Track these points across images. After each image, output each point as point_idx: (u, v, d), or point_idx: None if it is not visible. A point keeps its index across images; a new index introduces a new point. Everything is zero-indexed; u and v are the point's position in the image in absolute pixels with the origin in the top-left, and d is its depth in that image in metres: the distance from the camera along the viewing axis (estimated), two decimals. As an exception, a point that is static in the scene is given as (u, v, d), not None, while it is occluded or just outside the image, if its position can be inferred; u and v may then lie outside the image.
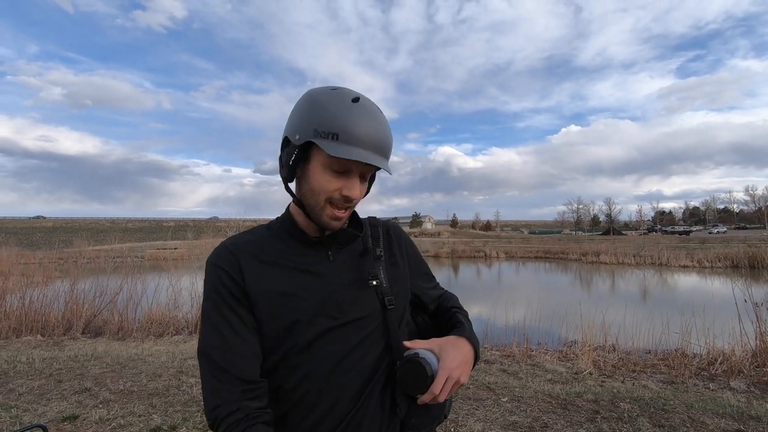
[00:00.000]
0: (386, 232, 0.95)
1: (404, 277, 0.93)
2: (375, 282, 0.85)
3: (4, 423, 3.20)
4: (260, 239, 0.85)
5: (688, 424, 3.13)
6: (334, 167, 0.78)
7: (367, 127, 0.76)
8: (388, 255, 0.92)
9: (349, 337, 0.81)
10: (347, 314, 0.81)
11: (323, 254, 0.84)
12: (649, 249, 30.05)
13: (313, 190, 0.80)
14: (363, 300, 0.83)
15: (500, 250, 37.93)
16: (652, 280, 20.02)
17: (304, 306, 0.79)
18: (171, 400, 3.66)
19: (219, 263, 0.81)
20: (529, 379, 4.31)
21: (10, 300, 7.61)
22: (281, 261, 0.82)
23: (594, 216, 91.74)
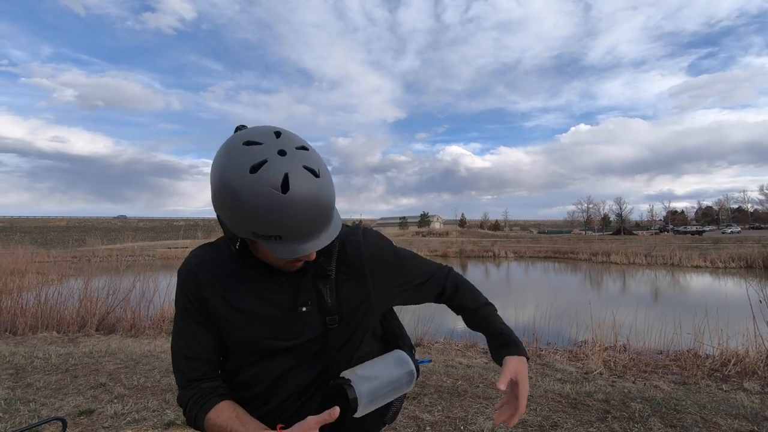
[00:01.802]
0: (342, 247, 0.90)
1: (364, 290, 0.91)
2: (304, 308, 0.85)
3: (23, 416, 3.29)
4: (222, 259, 0.88)
5: (701, 425, 3.10)
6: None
7: (304, 220, 0.70)
8: (342, 270, 0.89)
9: (299, 354, 0.87)
10: (297, 337, 0.86)
11: (276, 280, 0.86)
12: (660, 249, 29.68)
13: (268, 259, 0.81)
14: (310, 322, 0.86)
15: (509, 250, 37.74)
16: (663, 281, 19.77)
17: (256, 331, 0.85)
18: (184, 396, 3.71)
19: (183, 279, 0.88)
20: (539, 379, 4.30)
21: (26, 297, 7.78)
22: (236, 286, 0.86)
23: (604, 216, 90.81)
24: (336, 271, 0.89)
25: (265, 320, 0.85)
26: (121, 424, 3.20)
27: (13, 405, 3.48)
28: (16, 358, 4.85)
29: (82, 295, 7.71)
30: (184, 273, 0.88)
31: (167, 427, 3.14)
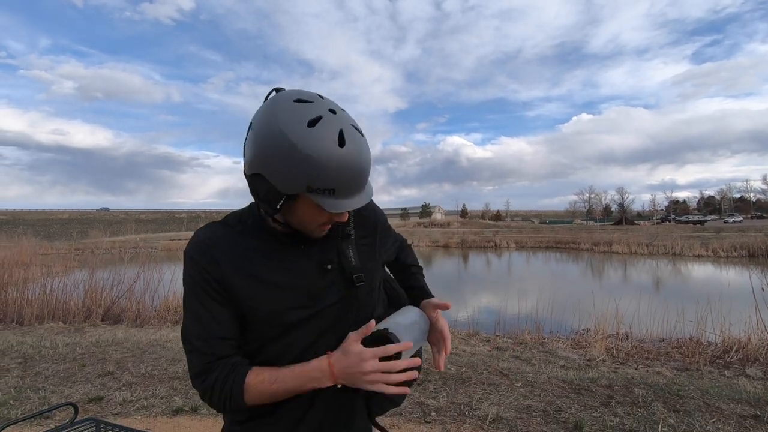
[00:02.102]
0: (357, 211, 0.93)
1: (375, 251, 0.95)
2: (330, 266, 0.86)
3: (33, 404, 3.33)
4: (235, 233, 0.85)
5: (704, 410, 3.13)
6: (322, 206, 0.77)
7: (357, 173, 0.73)
8: (359, 233, 0.93)
9: (320, 322, 0.85)
10: (319, 302, 0.84)
11: (296, 248, 0.85)
12: (662, 238, 29.67)
13: (302, 222, 0.80)
14: (333, 285, 0.86)
15: (510, 240, 37.76)
16: (665, 270, 19.80)
17: (280, 300, 0.82)
18: (191, 384, 3.75)
19: (196, 256, 0.82)
20: (542, 366, 4.33)
21: (31, 288, 7.84)
22: (254, 258, 0.83)
23: (606, 205, 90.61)
24: (355, 234, 0.91)
25: (288, 290, 0.83)
26: (130, 411, 3.24)
27: (23, 393, 3.53)
28: (24, 347, 4.91)
29: (87, 286, 7.76)
30: (197, 252, 0.82)
31: (176, 414, 3.19)
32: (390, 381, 0.76)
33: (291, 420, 0.85)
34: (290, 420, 0.85)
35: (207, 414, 3.18)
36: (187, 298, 0.83)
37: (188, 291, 0.83)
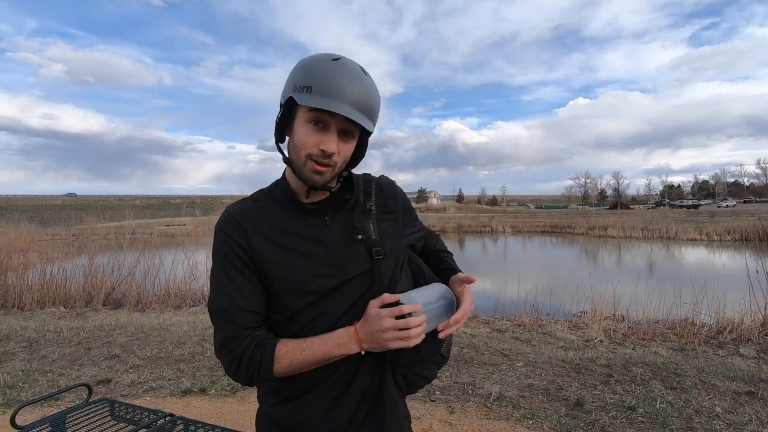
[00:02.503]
0: (379, 188, 0.97)
1: (397, 228, 0.97)
2: (361, 236, 0.89)
3: (42, 386, 3.37)
4: (263, 206, 0.90)
5: (700, 387, 3.22)
6: (311, 120, 0.81)
7: (341, 81, 0.79)
8: (381, 210, 0.95)
9: (348, 294, 0.87)
10: (345, 273, 0.86)
11: (321, 220, 0.89)
12: (657, 223, 29.92)
13: (295, 146, 0.85)
14: (357, 257, 0.88)
15: (506, 225, 37.93)
16: (660, 254, 20.04)
17: (306, 270, 0.85)
18: (197, 365, 3.81)
19: (225, 229, 0.87)
20: (542, 346, 4.42)
21: (31, 274, 7.83)
22: (282, 228, 0.87)
23: (602, 190, 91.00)
24: (376, 210, 0.93)
25: (312, 258, 0.85)
26: (139, 392, 3.29)
27: (31, 375, 3.57)
28: (28, 331, 4.93)
29: (87, 272, 7.77)
30: (226, 223, 0.87)
31: (184, 395, 3.24)
32: (406, 336, 0.79)
33: (327, 400, 0.87)
34: (326, 400, 0.87)
35: (215, 395, 3.23)
36: (214, 272, 0.87)
37: (216, 264, 0.87)
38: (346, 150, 0.85)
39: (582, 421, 2.69)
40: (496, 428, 2.65)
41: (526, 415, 2.79)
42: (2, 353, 4.19)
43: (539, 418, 2.75)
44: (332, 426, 0.87)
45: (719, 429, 2.56)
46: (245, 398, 3.17)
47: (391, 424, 0.90)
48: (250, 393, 3.24)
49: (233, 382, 3.40)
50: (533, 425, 2.67)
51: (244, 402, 3.11)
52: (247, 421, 2.82)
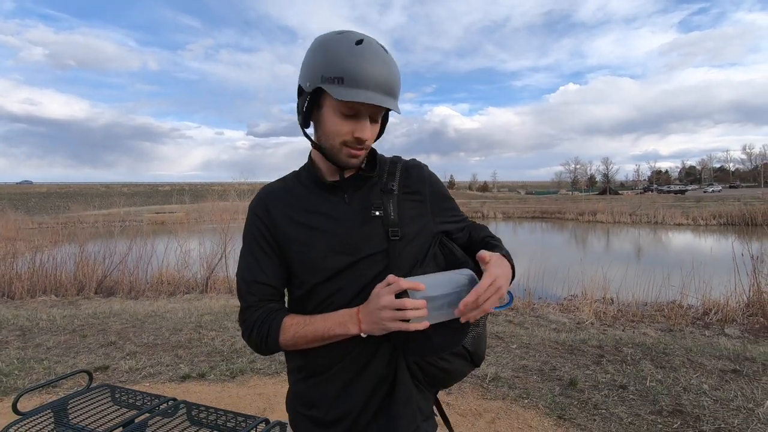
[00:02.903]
0: (405, 169, 0.96)
1: (424, 211, 0.94)
2: (378, 212, 0.89)
3: (39, 374, 3.36)
4: (289, 186, 0.95)
5: (688, 365, 3.32)
6: (343, 111, 0.82)
7: (371, 69, 0.79)
8: (404, 190, 0.93)
9: (363, 273, 0.87)
10: (359, 251, 0.87)
11: (340, 197, 0.91)
12: (645, 208, 30.35)
13: (327, 134, 0.86)
14: (373, 236, 0.88)
15: (497, 211, 38.18)
16: (647, 238, 20.39)
17: (322, 246, 0.87)
18: (195, 351, 3.82)
19: (255, 209, 0.94)
20: (535, 329, 4.50)
21: (20, 263, 7.72)
22: (304, 206, 0.91)
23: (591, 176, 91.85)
24: (398, 190, 0.93)
25: (328, 235, 0.87)
26: (138, 378, 3.30)
27: (27, 363, 3.55)
28: (20, 320, 4.89)
29: (77, 259, 7.69)
30: (255, 203, 0.94)
31: (183, 380, 3.26)
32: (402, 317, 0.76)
33: (343, 381, 0.88)
34: (342, 381, 0.88)
35: (215, 380, 3.26)
36: (243, 249, 0.95)
37: (245, 242, 0.94)
38: (375, 132, 0.89)
39: (575, 400, 2.77)
40: (492, 407, 2.72)
41: (522, 395, 2.86)
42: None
43: (534, 397, 2.83)
44: (347, 407, 0.88)
45: (706, 405, 2.66)
46: (244, 383, 3.20)
47: (403, 415, 0.88)
48: (249, 377, 3.27)
49: (232, 367, 3.43)
50: (528, 404, 2.75)
51: (243, 386, 3.14)
52: (247, 405, 2.85)
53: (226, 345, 3.96)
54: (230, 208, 9.87)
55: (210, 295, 6.90)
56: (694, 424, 2.45)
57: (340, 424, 0.89)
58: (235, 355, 3.73)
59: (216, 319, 4.89)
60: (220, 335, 4.25)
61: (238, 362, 3.54)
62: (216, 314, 5.09)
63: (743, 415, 2.52)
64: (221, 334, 4.27)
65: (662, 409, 2.63)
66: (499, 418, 2.59)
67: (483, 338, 0.94)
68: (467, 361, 0.92)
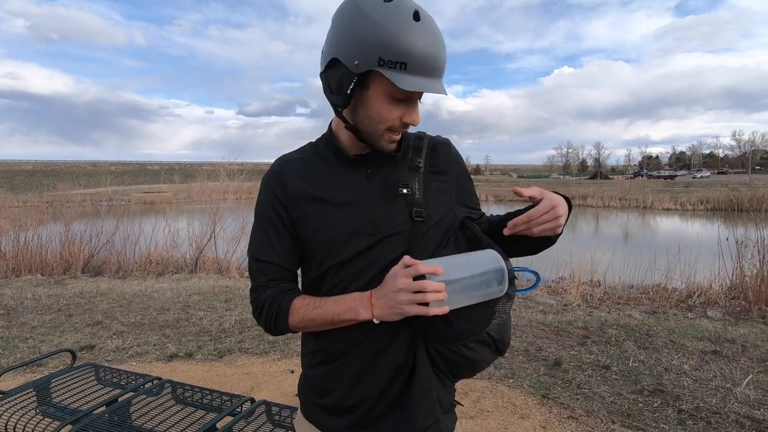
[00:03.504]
0: (431, 146, 0.90)
1: (449, 192, 0.89)
2: (405, 190, 0.83)
3: (23, 352, 3.33)
4: (306, 158, 0.88)
5: (670, 347, 3.39)
6: (396, 95, 0.76)
7: (434, 51, 0.73)
8: (430, 169, 0.88)
9: (383, 254, 0.81)
10: (380, 230, 0.81)
11: (362, 173, 0.85)
12: (634, 193, 30.68)
13: (372, 118, 0.78)
14: (396, 214, 0.82)
15: (489, 194, 38.28)
16: (636, 222, 20.67)
17: (341, 224, 0.81)
18: (183, 331, 3.81)
19: (268, 182, 0.88)
20: (522, 311, 4.56)
21: (5, 241, 7.58)
22: (322, 180, 0.85)
23: (582, 160, 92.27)
24: (425, 168, 0.87)
25: (347, 211, 0.82)
26: (124, 358, 3.28)
27: (11, 342, 3.51)
28: (4, 299, 4.82)
29: (63, 239, 7.57)
30: (268, 176, 0.88)
31: (170, 359, 3.25)
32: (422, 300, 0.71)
33: (359, 368, 0.84)
34: (358, 368, 0.84)
35: (202, 359, 3.25)
36: (255, 225, 0.89)
37: (256, 215, 0.89)
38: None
39: (560, 380, 2.82)
40: (478, 387, 2.75)
41: (507, 375, 2.90)
42: (-21, 321, 4.10)
43: (519, 377, 2.87)
44: (362, 394, 0.84)
45: (686, 384, 2.72)
46: (232, 362, 3.20)
47: (421, 406, 0.82)
48: (237, 357, 3.27)
49: (220, 347, 3.42)
50: (513, 384, 2.79)
51: (231, 366, 3.14)
52: (234, 384, 2.85)
53: (215, 325, 3.95)
54: (220, 188, 9.72)
55: (199, 275, 6.86)
56: (673, 402, 2.51)
57: (354, 412, 0.85)
58: (223, 334, 3.72)
59: (204, 299, 4.87)
60: (209, 315, 4.23)
61: (226, 342, 3.53)
62: (205, 294, 5.06)
63: (721, 395, 2.58)
64: (209, 314, 4.26)
65: (643, 388, 2.69)
66: (484, 396, 2.63)
67: (508, 325, 0.87)
68: (492, 349, 0.84)
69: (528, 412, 2.44)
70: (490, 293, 0.78)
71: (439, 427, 0.86)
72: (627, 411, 2.42)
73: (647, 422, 2.31)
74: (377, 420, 0.84)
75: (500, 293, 0.79)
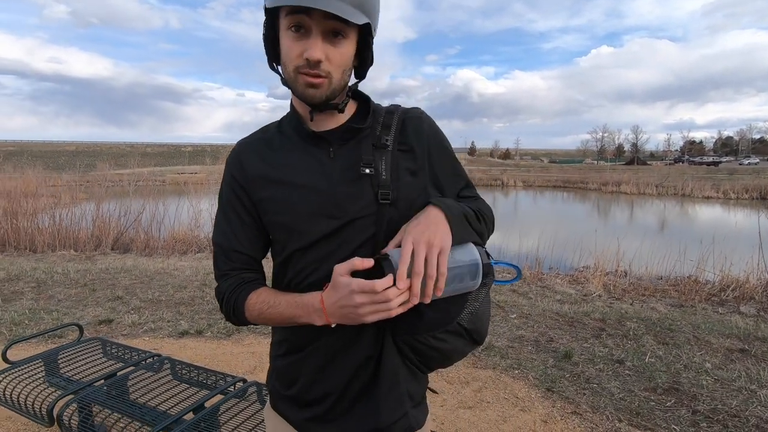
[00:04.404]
0: (401, 121, 0.82)
1: (421, 172, 0.81)
2: (368, 170, 0.76)
3: (47, 324, 3.50)
4: (267, 138, 0.84)
5: (692, 343, 3.21)
6: (291, 26, 0.70)
7: None
8: (399, 147, 0.80)
9: (348, 239, 0.76)
10: (345, 214, 0.76)
11: (325, 150, 0.79)
12: (673, 179, 29.21)
13: (284, 62, 0.75)
14: (360, 196, 0.76)
15: (518, 179, 37.44)
16: (672, 211, 19.70)
17: (301, 206, 0.77)
18: (196, 309, 3.91)
19: (228, 165, 0.84)
20: (539, 300, 4.42)
21: (42, 218, 8.00)
22: (281, 161, 0.80)
23: (619, 145, 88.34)
24: (393, 146, 0.80)
25: (308, 193, 0.77)
26: (139, 333, 3.40)
27: (37, 314, 3.70)
28: (37, 273, 5.08)
29: (95, 216, 7.90)
30: (229, 159, 0.85)
31: (182, 336, 3.34)
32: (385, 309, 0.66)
33: (323, 360, 0.81)
34: (322, 360, 0.81)
35: (212, 336, 3.33)
36: (217, 210, 0.86)
37: (219, 202, 0.86)
38: (339, 55, 0.72)
39: (568, 372, 2.72)
40: (481, 376, 2.69)
41: (513, 365, 2.82)
42: (12, 292, 4.35)
43: (525, 368, 2.78)
44: (327, 386, 0.81)
45: (706, 384, 2.56)
46: (240, 341, 3.26)
47: (387, 399, 0.79)
48: (245, 336, 3.33)
49: (229, 326, 3.49)
50: (518, 374, 2.71)
51: (238, 344, 3.20)
52: (239, 362, 2.90)
53: (227, 304, 4.03)
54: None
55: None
56: (689, 402, 2.37)
57: (320, 405, 0.82)
58: (234, 313, 3.80)
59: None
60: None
61: (236, 321, 3.60)
62: (222, 273, 5.17)
63: (743, 396, 2.42)
64: (224, 293, 4.35)
65: (657, 386, 2.55)
66: (486, 387, 2.56)
67: (483, 315, 0.81)
68: (465, 339, 0.79)
69: (530, 405, 2.36)
70: (464, 287, 0.73)
71: (408, 421, 0.83)
72: (636, 409, 2.30)
73: (657, 422, 2.19)
74: (343, 413, 0.81)
75: (474, 287, 0.74)
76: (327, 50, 0.70)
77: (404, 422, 0.82)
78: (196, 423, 1.65)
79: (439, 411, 2.33)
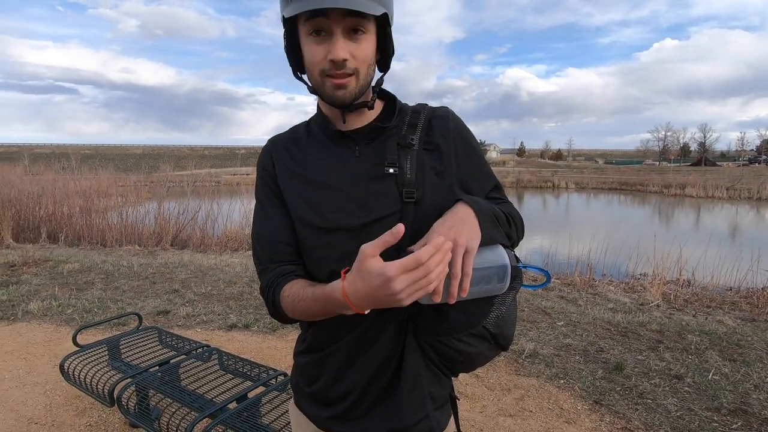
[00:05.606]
0: (428, 120, 0.81)
1: (448, 171, 0.80)
2: (392, 170, 0.76)
3: (112, 312, 3.81)
4: (296, 137, 0.86)
5: (765, 361, 2.91)
6: (311, 32, 0.71)
7: None
8: (425, 146, 0.80)
9: (375, 236, 0.70)
10: (369, 212, 0.75)
11: (351, 149, 0.80)
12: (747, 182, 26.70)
13: (308, 69, 0.75)
14: (385, 195, 0.76)
15: (570, 181, 35.83)
16: (745, 215, 18.00)
17: (323, 202, 0.78)
18: (245, 304, 4.08)
19: (261, 162, 0.86)
20: (589, 307, 4.20)
21: (112, 215, 8.73)
22: (308, 158, 0.82)
23: (684, 145, 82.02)
24: (419, 145, 0.80)
25: (332, 190, 0.78)
26: (192, 324, 3.61)
27: (104, 303, 4.03)
28: (106, 265, 5.54)
29: (156, 214, 8.49)
30: (261, 156, 0.87)
31: (230, 329, 3.51)
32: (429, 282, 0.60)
33: (344, 359, 0.80)
34: (344, 358, 0.80)
35: (258, 330, 3.46)
36: (255, 205, 0.87)
37: (256, 197, 0.87)
38: (362, 50, 0.72)
39: (619, 385, 2.56)
40: (524, 384, 2.60)
41: (558, 374, 2.70)
42: (85, 283, 4.77)
43: (572, 378, 2.65)
44: (348, 386, 0.80)
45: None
46: (284, 336, 3.36)
47: (408, 401, 0.78)
48: (288, 332, 3.43)
49: (274, 321, 3.61)
50: (564, 384, 2.59)
51: (282, 339, 3.31)
52: (282, 357, 3.00)
53: (273, 300, 4.19)
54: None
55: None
56: (758, 426, 2.15)
57: (340, 404, 0.81)
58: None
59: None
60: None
61: (281, 317, 3.73)
62: (269, 271, 5.38)
63: (826, 424, 2.16)
64: (270, 290, 4.52)
65: (722, 406, 2.34)
66: (529, 395, 2.47)
67: (510, 319, 0.79)
68: (490, 343, 0.77)
69: (575, 417, 2.25)
70: (490, 290, 0.71)
71: (429, 422, 0.81)
72: (696, 429, 2.13)
73: (720, 445, 2.01)
74: (364, 413, 0.81)
75: (501, 290, 0.72)
76: (350, 48, 0.71)
77: (425, 424, 0.80)
78: (239, 412, 1.72)
79: (478, 417, 2.28)
